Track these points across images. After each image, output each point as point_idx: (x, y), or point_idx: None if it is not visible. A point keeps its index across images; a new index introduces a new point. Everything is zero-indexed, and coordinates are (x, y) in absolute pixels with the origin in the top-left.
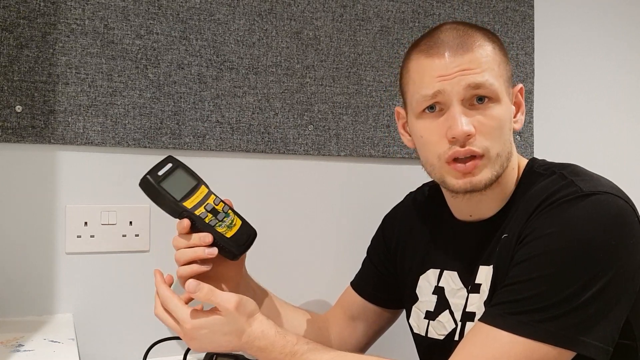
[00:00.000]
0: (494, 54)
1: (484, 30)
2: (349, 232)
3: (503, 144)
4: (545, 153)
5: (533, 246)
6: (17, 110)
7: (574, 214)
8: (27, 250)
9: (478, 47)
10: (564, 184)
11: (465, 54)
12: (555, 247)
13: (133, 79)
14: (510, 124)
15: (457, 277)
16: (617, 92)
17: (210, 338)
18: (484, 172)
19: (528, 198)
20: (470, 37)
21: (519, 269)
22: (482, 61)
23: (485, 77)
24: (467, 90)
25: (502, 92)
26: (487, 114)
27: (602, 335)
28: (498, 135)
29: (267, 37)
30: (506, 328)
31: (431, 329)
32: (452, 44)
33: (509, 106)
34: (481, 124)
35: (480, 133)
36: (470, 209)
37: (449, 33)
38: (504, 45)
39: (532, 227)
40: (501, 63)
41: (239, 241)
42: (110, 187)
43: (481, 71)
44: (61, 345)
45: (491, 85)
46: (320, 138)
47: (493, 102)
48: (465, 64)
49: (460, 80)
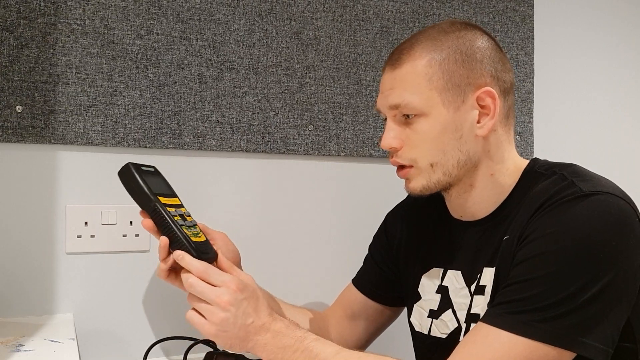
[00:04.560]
0: (428, 66)
1: (440, 36)
2: (349, 232)
3: (443, 153)
4: (545, 153)
5: (533, 246)
6: (17, 110)
7: (574, 214)
8: (27, 250)
9: (407, 62)
10: (565, 184)
11: (394, 71)
12: (556, 247)
13: (133, 79)
14: (457, 133)
15: (461, 276)
16: (617, 92)
17: (245, 308)
18: (416, 180)
19: (529, 198)
20: (408, 52)
21: (519, 269)
22: (405, 79)
23: (402, 97)
24: (390, 110)
25: (431, 105)
26: (413, 128)
27: (603, 336)
28: (428, 147)
29: (267, 37)
30: (506, 328)
31: (434, 327)
32: (392, 59)
33: (452, 116)
34: (407, 138)
35: (408, 145)
36: (458, 209)
37: (402, 45)
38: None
39: (533, 227)
40: (438, 74)
41: (199, 248)
42: (110, 187)
43: (401, 91)
44: (61, 345)
45: (408, 104)
46: (320, 138)
47: (419, 117)
48: (391, 82)
49: (385, 100)
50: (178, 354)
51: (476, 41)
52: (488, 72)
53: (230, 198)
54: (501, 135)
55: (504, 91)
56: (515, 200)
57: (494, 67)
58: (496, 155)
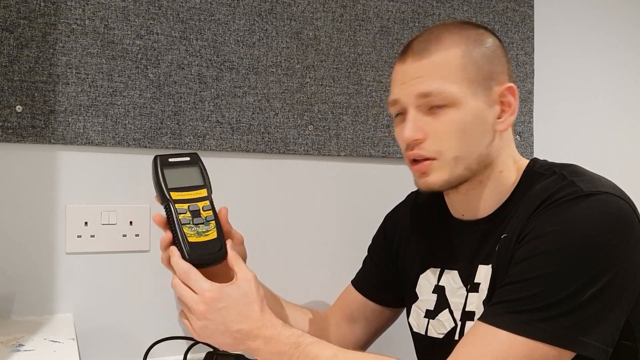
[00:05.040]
0: (461, 57)
1: (464, 30)
2: (349, 232)
3: (467, 147)
4: (545, 153)
5: (533, 245)
6: (17, 110)
7: (574, 213)
8: (27, 250)
9: (439, 52)
10: (565, 184)
11: (423, 59)
12: (555, 246)
13: (133, 79)
14: (482, 127)
15: (458, 276)
16: (617, 92)
17: (225, 316)
18: (437, 174)
19: (528, 198)
20: (437, 41)
21: (518, 268)
22: (439, 67)
23: (435, 85)
24: (418, 98)
25: (463, 96)
26: (441, 119)
27: (602, 335)
28: (456, 139)
29: (267, 37)
30: (506, 327)
31: (431, 327)
32: (416, 49)
33: (480, 109)
34: (434, 129)
35: (433, 137)
36: (461, 208)
37: (422, 37)
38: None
39: (532, 226)
40: (470, 65)
41: (196, 250)
42: (110, 187)
43: (434, 78)
44: (61, 345)
45: (441, 93)
46: (320, 138)
47: (449, 108)
48: (420, 70)
49: (413, 88)
50: (178, 354)
51: (492, 39)
52: (507, 70)
53: (230, 198)
54: (510, 132)
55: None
56: (516, 200)
57: (507, 65)
58: (506, 152)
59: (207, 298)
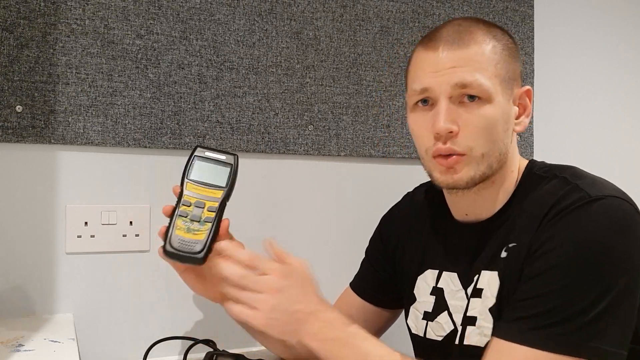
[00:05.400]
0: (493, 52)
1: (490, 28)
2: (349, 232)
3: (493, 144)
4: (545, 153)
5: (547, 259)
6: (17, 110)
7: (584, 223)
8: (27, 250)
9: (475, 44)
10: (569, 188)
11: (459, 50)
12: (569, 258)
13: (133, 79)
14: (506, 125)
15: (457, 278)
16: (617, 92)
17: (290, 296)
18: (466, 170)
19: (531, 202)
20: (470, 34)
21: (534, 283)
22: (475, 59)
23: (475, 77)
24: (455, 88)
25: (495, 92)
26: (475, 113)
27: (620, 340)
28: (485, 135)
29: (267, 37)
30: (528, 343)
31: (429, 329)
32: (449, 39)
33: (506, 107)
34: (467, 122)
35: (465, 131)
36: (467, 208)
37: (451, 28)
38: (514, 44)
39: (544, 238)
40: (501, 62)
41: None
42: (110, 187)
43: (472, 70)
44: (61, 345)
45: (480, 85)
46: (320, 138)
47: (483, 102)
48: (457, 61)
49: (449, 78)
50: (178, 354)
51: (512, 40)
52: (520, 70)
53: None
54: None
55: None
56: (516, 203)
57: (522, 68)
58: (516, 152)
59: (280, 274)
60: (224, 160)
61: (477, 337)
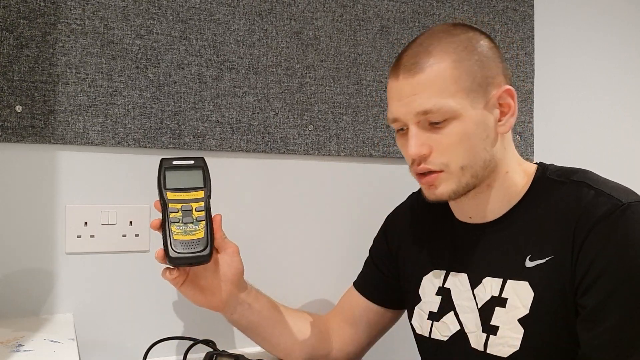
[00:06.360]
0: (453, 68)
1: (454, 37)
2: (349, 232)
3: (472, 155)
4: (545, 153)
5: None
6: (17, 110)
7: (626, 233)
8: (27, 250)
9: (431, 66)
10: (594, 193)
11: (416, 76)
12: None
13: (133, 78)
14: (484, 133)
15: (466, 279)
16: (617, 91)
17: None
18: (445, 185)
19: (550, 208)
20: (427, 55)
21: (604, 312)
22: (433, 82)
23: (433, 102)
24: (418, 116)
25: (461, 107)
26: (444, 133)
27: None
28: (460, 150)
29: (267, 37)
30: None
31: (435, 330)
32: (407, 65)
33: (480, 115)
34: (438, 143)
35: (437, 151)
36: (469, 211)
37: (410, 51)
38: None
39: (590, 255)
40: (464, 74)
41: (179, 247)
42: (110, 187)
43: (430, 95)
44: (61, 345)
45: (440, 109)
46: (320, 138)
47: (449, 121)
48: (415, 87)
49: (410, 107)
50: (178, 354)
51: (483, 41)
52: (501, 70)
53: (230, 198)
54: (510, 133)
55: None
56: (528, 206)
57: (502, 65)
58: (510, 152)
59: None
60: (193, 164)
61: (499, 347)
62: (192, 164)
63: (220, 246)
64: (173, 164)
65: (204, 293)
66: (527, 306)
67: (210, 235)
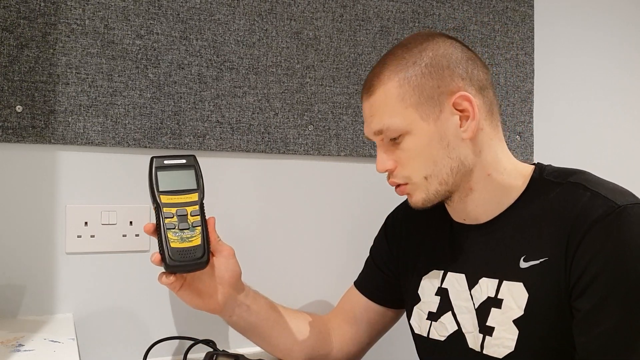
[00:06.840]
0: (399, 86)
1: (405, 53)
2: (349, 232)
3: (434, 164)
4: (545, 153)
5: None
6: (17, 110)
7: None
8: (27, 250)
9: (379, 87)
10: (590, 195)
11: (370, 98)
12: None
13: (133, 79)
14: (444, 142)
15: (464, 279)
16: (617, 92)
17: None
18: (417, 194)
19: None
20: (377, 76)
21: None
22: (382, 103)
23: (383, 122)
24: (376, 136)
25: (411, 122)
26: (401, 148)
27: None
28: (419, 162)
29: (267, 37)
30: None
31: (433, 329)
32: (367, 86)
33: (435, 126)
34: (399, 157)
35: (400, 165)
36: (462, 213)
37: (372, 70)
38: (443, 56)
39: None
40: (410, 91)
41: (177, 256)
42: (110, 187)
43: (380, 116)
44: (61, 345)
45: (389, 127)
46: (320, 138)
47: (403, 136)
48: (369, 109)
49: (370, 127)
50: (178, 354)
51: (439, 49)
52: (458, 75)
53: (230, 198)
54: (489, 132)
55: (480, 89)
56: (524, 207)
57: (463, 68)
58: (489, 154)
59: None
60: (185, 163)
61: (495, 348)
62: (184, 164)
63: (215, 249)
64: (164, 163)
65: (202, 296)
66: (521, 307)
67: (206, 240)
